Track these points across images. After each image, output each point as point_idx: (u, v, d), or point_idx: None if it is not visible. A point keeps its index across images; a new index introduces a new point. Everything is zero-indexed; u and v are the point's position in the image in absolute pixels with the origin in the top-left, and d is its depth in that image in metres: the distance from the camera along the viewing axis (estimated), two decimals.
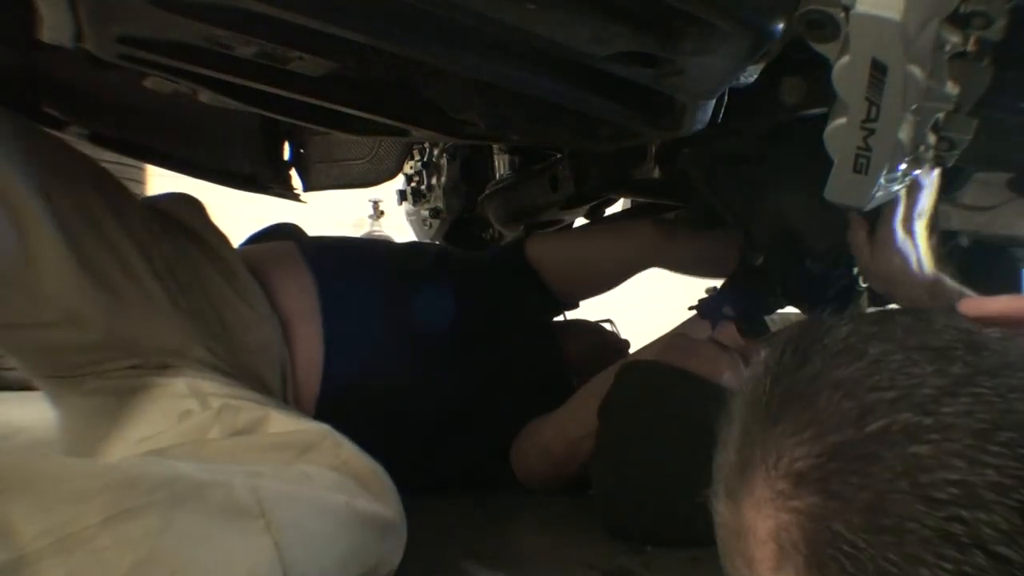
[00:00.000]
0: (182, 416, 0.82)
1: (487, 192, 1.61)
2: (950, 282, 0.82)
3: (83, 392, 0.85)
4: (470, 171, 1.79)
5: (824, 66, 0.54)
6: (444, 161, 1.84)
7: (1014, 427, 0.34)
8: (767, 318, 1.11)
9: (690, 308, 1.12)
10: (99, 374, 0.85)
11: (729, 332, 1.03)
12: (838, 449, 0.37)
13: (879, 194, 0.64)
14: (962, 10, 0.52)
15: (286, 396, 0.98)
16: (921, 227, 0.86)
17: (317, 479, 0.73)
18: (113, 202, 0.86)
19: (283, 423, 0.82)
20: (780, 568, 0.39)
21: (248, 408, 0.84)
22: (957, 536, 0.33)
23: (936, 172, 0.85)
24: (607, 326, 1.43)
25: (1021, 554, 0.33)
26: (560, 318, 1.42)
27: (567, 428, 1.06)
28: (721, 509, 0.44)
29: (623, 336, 1.43)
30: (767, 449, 0.40)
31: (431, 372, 1.12)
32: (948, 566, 0.34)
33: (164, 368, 0.86)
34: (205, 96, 0.82)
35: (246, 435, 0.81)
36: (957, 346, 0.38)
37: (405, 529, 0.78)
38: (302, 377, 1.01)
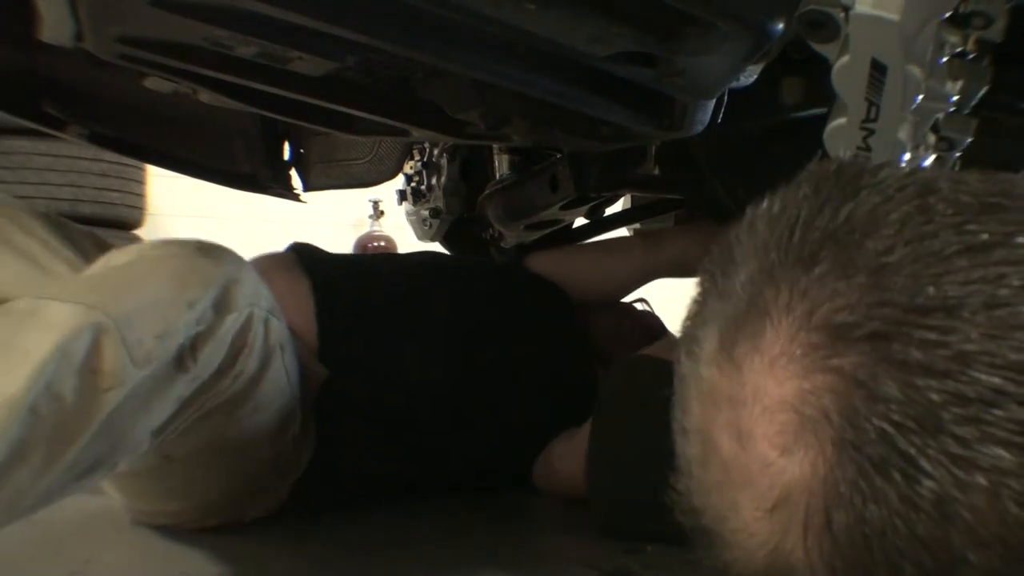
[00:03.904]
0: None
1: (487, 192, 1.60)
2: None
3: None
4: (470, 171, 1.79)
5: (824, 66, 0.55)
6: (444, 161, 1.84)
7: None
8: None
9: None
10: None
11: None
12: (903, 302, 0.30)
13: None
14: (962, 10, 0.53)
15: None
16: None
17: None
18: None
19: None
20: (793, 445, 0.31)
21: None
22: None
23: None
24: (640, 306, 1.39)
25: None
26: None
27: None
28: (703, 372, 0.36)
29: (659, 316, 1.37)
30: (795, 295, 0.32)
31: (432, 368, 1.11)
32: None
33: None
34: (205, 96, 0.82)
35: None
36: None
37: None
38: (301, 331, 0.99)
